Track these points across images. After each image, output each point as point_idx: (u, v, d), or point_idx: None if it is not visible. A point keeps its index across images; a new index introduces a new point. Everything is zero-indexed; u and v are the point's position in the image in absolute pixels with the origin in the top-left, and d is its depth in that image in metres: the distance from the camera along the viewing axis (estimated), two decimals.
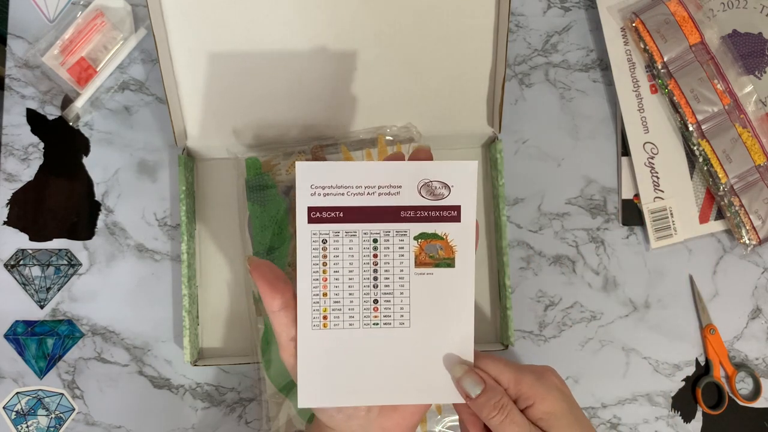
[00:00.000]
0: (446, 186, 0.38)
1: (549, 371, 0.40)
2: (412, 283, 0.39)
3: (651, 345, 0.63)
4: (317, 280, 0.39)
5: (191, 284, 0.60)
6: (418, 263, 0.39)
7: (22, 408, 0.61)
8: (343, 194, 0.38)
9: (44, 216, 0.63)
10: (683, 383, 0.63)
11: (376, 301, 0.39)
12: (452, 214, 0.39)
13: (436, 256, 0.39)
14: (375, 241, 0.39)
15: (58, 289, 0.62)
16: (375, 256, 0.39)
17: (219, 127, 0.60)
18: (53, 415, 0.61)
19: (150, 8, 0.55)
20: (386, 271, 0.39)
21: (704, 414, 0.62)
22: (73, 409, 0.61)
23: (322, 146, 0.60)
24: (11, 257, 0.63)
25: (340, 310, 0.39)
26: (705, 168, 0.63)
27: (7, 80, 0.65)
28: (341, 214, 0.38)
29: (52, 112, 0.65)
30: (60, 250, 0.63)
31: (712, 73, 0.63)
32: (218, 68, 0.59)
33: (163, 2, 0.57)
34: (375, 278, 0.39)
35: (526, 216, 0.65)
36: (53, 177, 0.64)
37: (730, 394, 0.63)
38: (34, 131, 0.64)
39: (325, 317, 0.39)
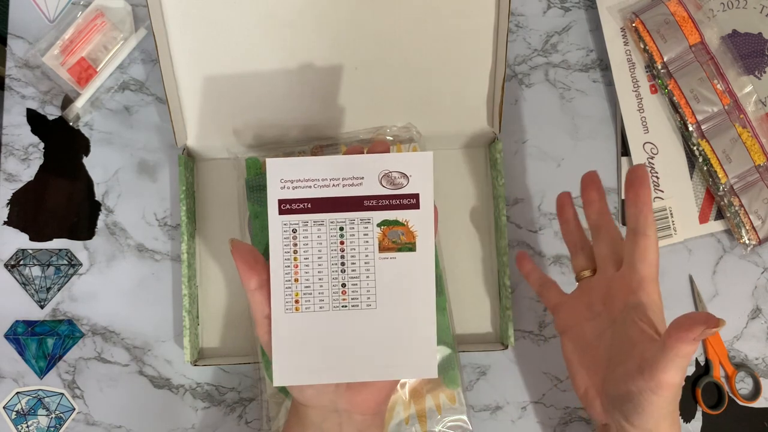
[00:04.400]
0: (405, 176, 0.41)
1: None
2: (376, 267, 0.42)
3: None
4: (289, 267, 0.42)
5: (191, 284, 0.60)
6: (382, 248, 0.42)
7: (22, 408, 0.61)
8: (310, 187, 0.41)
9: (44, 216, 0.63)
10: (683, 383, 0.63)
11: (344, 285, 0.42)
12: (411, 201, 0.42)
13: (398, 241, 0.42)
14: (341, 229, 0.42)
15: (58, 289, 0.62)
16: (342, 243, 0.42)
17: (219, 127, 0.60)
18: (53, 415, 0.61)
19: (150, 8, 0.55)
20: (352, 256, 0.42)
21: (704, 414, 0.62)
22: (74, 409, 0.61)
23: (322, 146, 0.60)
24: (11, 257, 0.63)
25: (311, 294, 0.42)
26: (705, 168, 0.63)
27: (7, 80, 0.65)
28: (309, 205, 0.41)
29: (52, 112, 0.65)
30: (60, 250, 0.63)
31: (712, 73, 0.63)
32: (218, 68, 0.59)
33: (163, 2, 0.57)
34: (342, 263, 0.42)
35: (526, 216, 0.65)
36: (53, 177, 0.64)
37: (730, 394, 0.63)
38: (34, 131, 0.64)
39: (297, 301, 0.42)
